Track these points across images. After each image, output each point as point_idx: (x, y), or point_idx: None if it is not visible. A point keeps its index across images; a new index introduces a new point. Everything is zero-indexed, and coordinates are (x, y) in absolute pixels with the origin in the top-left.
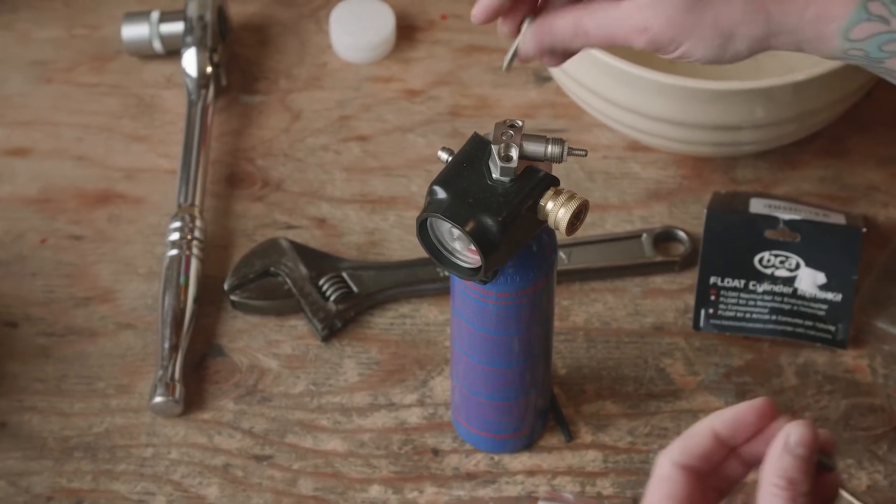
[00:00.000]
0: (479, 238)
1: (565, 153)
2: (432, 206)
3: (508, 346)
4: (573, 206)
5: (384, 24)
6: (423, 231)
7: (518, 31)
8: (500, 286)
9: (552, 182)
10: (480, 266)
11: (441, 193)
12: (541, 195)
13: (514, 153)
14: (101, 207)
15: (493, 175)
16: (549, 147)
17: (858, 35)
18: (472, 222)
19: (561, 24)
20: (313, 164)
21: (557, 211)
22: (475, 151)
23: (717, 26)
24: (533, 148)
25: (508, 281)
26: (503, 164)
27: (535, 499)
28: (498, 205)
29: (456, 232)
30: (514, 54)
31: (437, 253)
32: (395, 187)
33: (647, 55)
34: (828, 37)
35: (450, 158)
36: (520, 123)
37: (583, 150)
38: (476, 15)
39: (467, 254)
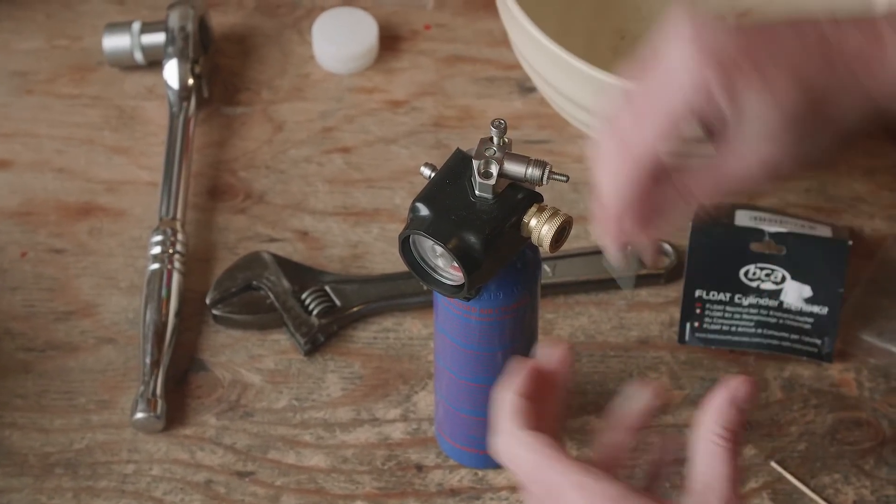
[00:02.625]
0: (461, 256)
1: (546, 176)
2: (415, 223)
3: (492, 362)
4: (557, 222)
5: (367, 34)
6: (406, 248)
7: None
8: (483, 303)
9: (535, 199)
10: (463, 283)
11: (424, 210)
12: (524, 212)
13: (495, 171)
14: (83, 220)
15: (476, 192)
16: (530, 169)
17: None
18: (454, 240)
19: (677, 216)
20: (296, 176)
21: (541, 228)
22: (458, 167)
23: (837, 133)
24: (514, 168)
25: (492, 297)
26: (483, 181)
27: None
28: (481, 222)
29: (438, 249)
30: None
31: (419, 270)
32: (379, 200)
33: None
34: None
35: (432, 174)
36: (506, 140)
37: (564, 175)
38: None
39: (450, 271)
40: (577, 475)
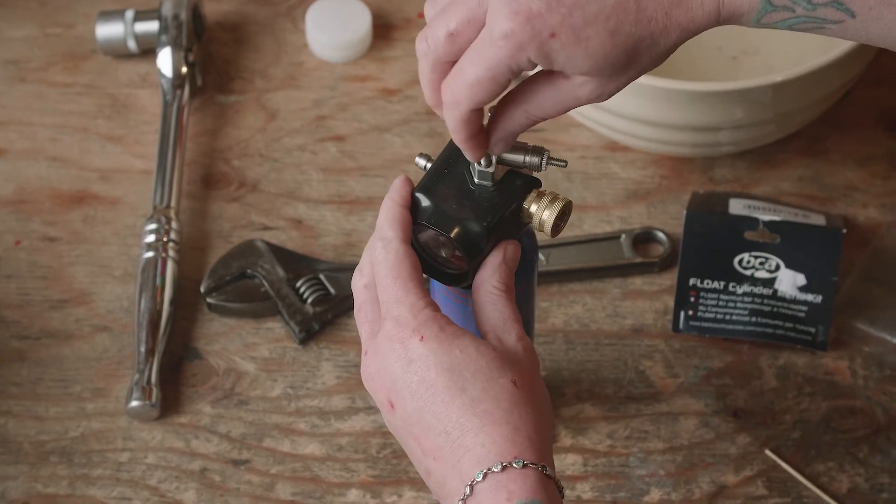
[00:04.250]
0: (465, 244)
1: (544, 162)
2: (415, 214)
3: None
4: (557, 207)
5: (360, 22)
6: None
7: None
8: None
9: (534, 184)
10: (465, 272)
11: (424, 201)
12: (523, 198)
13: (493, 159)
14: (77, 208)
15: (475, 180)
16: (528, 156)
17: (769, 21)
18: (457, 229)
19: (516, 121)
20: (290, 165)
21: (542, 213)
22: (455, 156)
23: (654, 59)
24: (512, 156)
25: None
26: (482, 170)
27: None
28: (482, 210)
29: (440, 239)
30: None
31: (421, 260)
32: (373, 188)
33: None
34: (745, 24)
35: (428, 164)
36: None
37: (563, 160)
38: (472, 157)
39: (452, 260)
40: (417, 296)
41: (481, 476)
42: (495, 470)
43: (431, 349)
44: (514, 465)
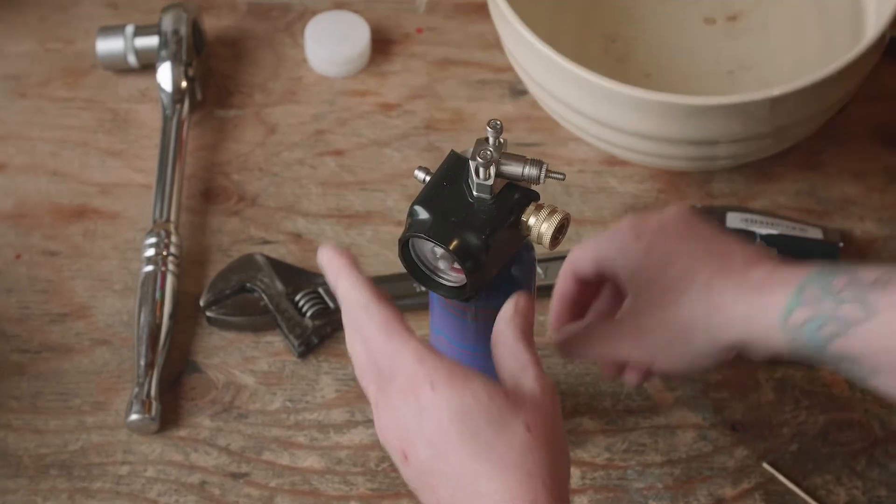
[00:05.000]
0: (463, 257)
1: (543, 175)
2: (414, 226)
3: (488, 362)
4: (556, 220)
5: (359, 37)
6: (405, 251)
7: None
8: (481, 303)
9: (533, 197)
10: (464, 284)
11: (423, 213)
12: (522, 211)
13: (492, 171)
14: (77, 223)
15: (474, 193)
16: (527, 168)
17: (795, 321)
18: (455, 241)
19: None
20: (289, 179)
21: (540, 226)
22: (454, 169)
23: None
24: (510, 168)
25: (490, 297)
26: (481, 182)
27: None
28: (481, 223)
29: (439, 251)
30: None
31: (419, 273)
32: (372, 202)
33: (622, 70)
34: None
35: (427, 178)
36: (502, 140)
37: (561, 174)
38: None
39: (451, 273)
40: (417, 346)
41: None
42: None
43: (443, 396)
44: None
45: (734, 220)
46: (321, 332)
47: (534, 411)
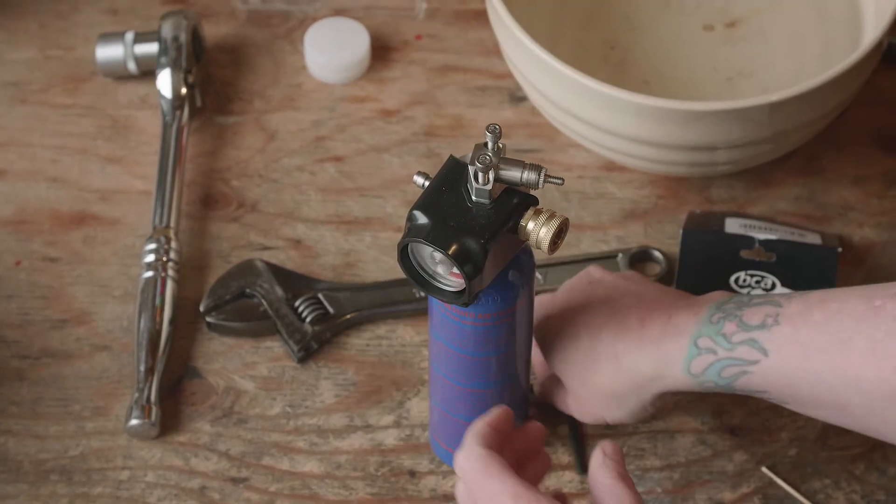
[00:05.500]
0: (462, 261)
1: (542, 180)
2: (413, 231)
3: (487, 367)
4: (554, 224)
5: (359, 44)
6: (405, 256)
7: None
8: (480, 308)
9: (532, 202)
10: (463, 289)
11: (422, 218)
12: (521, 216)
13: (491, 176)
14: (77, 229)
15: (473, 197)
16: (526, 173)
17: (697, 368)
18: (454, 246)
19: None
20: (289, 185)
21: (539, 230)
22: (453, 174)
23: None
24: (509, 173)
25: (489, 302)
26: (480, 187)
27: None
28: (480, 227)
29: (438, 256)
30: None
31: (418, 278)
32: (371, 208)
33: (621, 76)
34: (677, 375)
35: (426, 183)
36: (501, 145)
37: (560, 178)
38: None
39: (450, 277)
40: (515, 486)
41: None
42: None
43: None
44: None
45: (733, 225)
46: (320, 337)
47: None
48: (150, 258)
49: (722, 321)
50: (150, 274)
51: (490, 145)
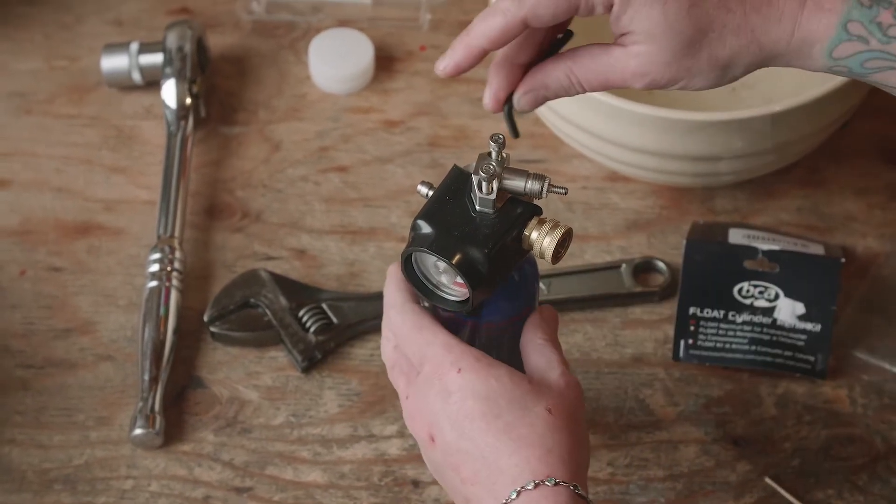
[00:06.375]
0: (466, 271)
1: (545, 190)
2: (417, 240)
3: None
4: (558, 234)
5: (363, 55)
6: (409, 266)
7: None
8: (484, 317)
9: (535, 211)
10: (467, 298)
11: (426, 228)
12: (525, 225)
13: (495, 186)
14: (81, 239)
15: (476, 207)
16: (529, 182)
17: (841, 54)
18: (458, 255)
19: (554, 76)
20: (293, 195)
21: (543, 240)
22: (457, 184)
23: (713, 62)
24: (513, 182)
25: (493, 311)
26: (483, 197)
27: None
28: (483, 237)
29: (442, 265)
30: (512, 116)
31: (422, 287)
32: (375, 218)
33: None
34: (814, 57)
35: (430, 192)
36: (505, 155)
37: (563, 188)
38: (444, 69)
39: (454, 287)
40: (447, 337)
41: (515, 494)
42: (528, 488)
43: (468, 379)
44: (547, 482)
45: (737, 236)
46: (324, 347)
47: (557, 399)
48: (155, 268)
49: (876, 7)
50: (154, 284)
51: (494, 155)
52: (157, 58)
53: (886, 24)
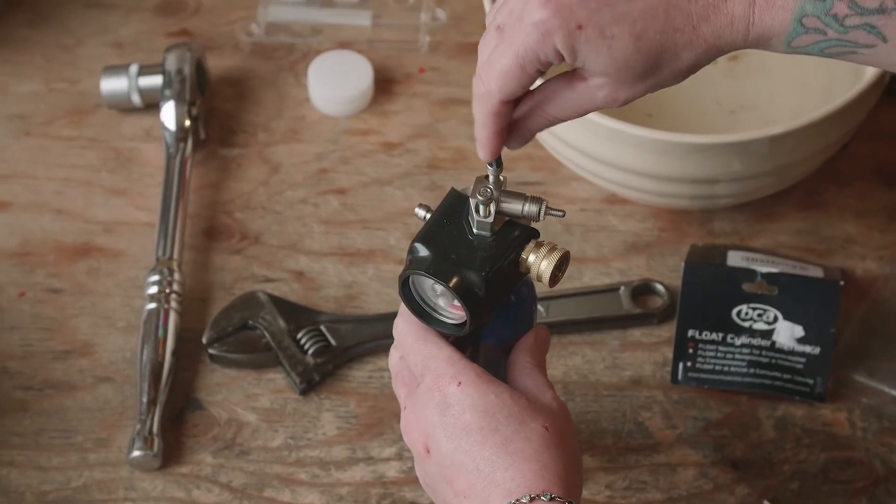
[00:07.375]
0: (463, 294)
1: (543, 212)
2: (415, 263)
3: None
4: (555, 257)
5: (362, 77)
6: (406, 289)
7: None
8: (482, 339)
9: (533, 235)
10: (464, 321)
11: (423, 251)
12: (522, 248)
13: (492, 209)
14: (80, 260)
15: (474, 230)
16: (527, 205)
17: (800, 44)
18: (455, 279)
19: (533, 120)
20: (292, 217)
21: (540, 263)
22: (454, 207)
23: (676, 73)
24: (510, 205)
25: (490, 334)
26: (481, 220)
27: None
28: (481, 260)
29: (439, 288)
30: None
31: (420, 310)
32: (374, 240)
33: (623, 109)
34: (774, 47)
35: (427, 215)
36: (502, 178)
37: (561, 210)
38: (488, 158)
39: (451, 310)
40: (451, 352)
41: None
42: (524, 501)
43: (468, 393)
44: (542, 497)
45: (735, 258)
46: (323, 369)
47: (552, 418)
48: (154, 290)
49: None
50: (153, 305)
51: (491, 178)
52: (156, 80)
53: (842, 15)
